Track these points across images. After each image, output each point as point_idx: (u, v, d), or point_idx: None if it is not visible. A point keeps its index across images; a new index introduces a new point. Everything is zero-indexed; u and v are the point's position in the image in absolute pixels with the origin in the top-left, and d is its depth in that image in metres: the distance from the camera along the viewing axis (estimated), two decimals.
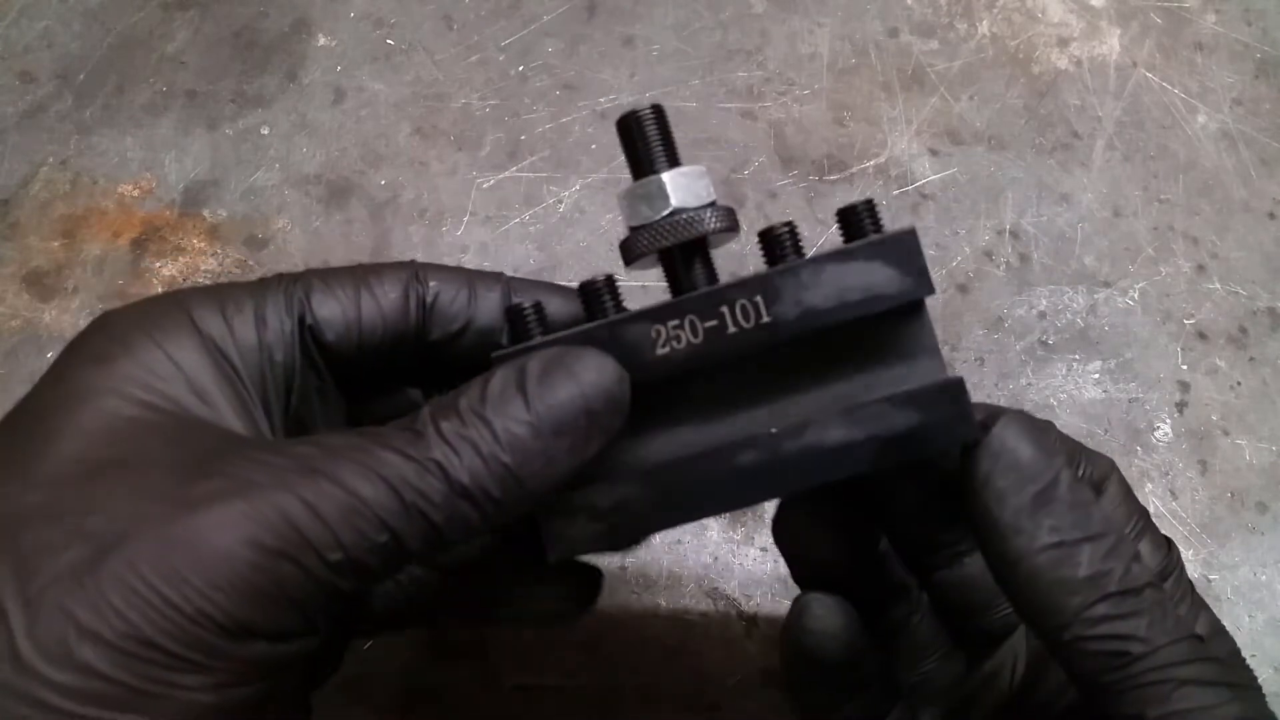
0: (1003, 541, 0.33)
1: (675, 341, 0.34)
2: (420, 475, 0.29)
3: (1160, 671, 0.31)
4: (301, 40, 0.78)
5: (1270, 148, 0.77)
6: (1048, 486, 0.33)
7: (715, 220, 0.36)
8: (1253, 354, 0.69)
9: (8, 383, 0.65)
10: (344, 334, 0.35)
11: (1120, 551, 0.33)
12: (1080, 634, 0.32)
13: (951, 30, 0.81)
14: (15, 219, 0.70)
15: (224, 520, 0.28)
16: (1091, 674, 0.32)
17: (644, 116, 0.37)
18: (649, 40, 0.79)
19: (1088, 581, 0.32)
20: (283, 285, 0.35)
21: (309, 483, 0.29)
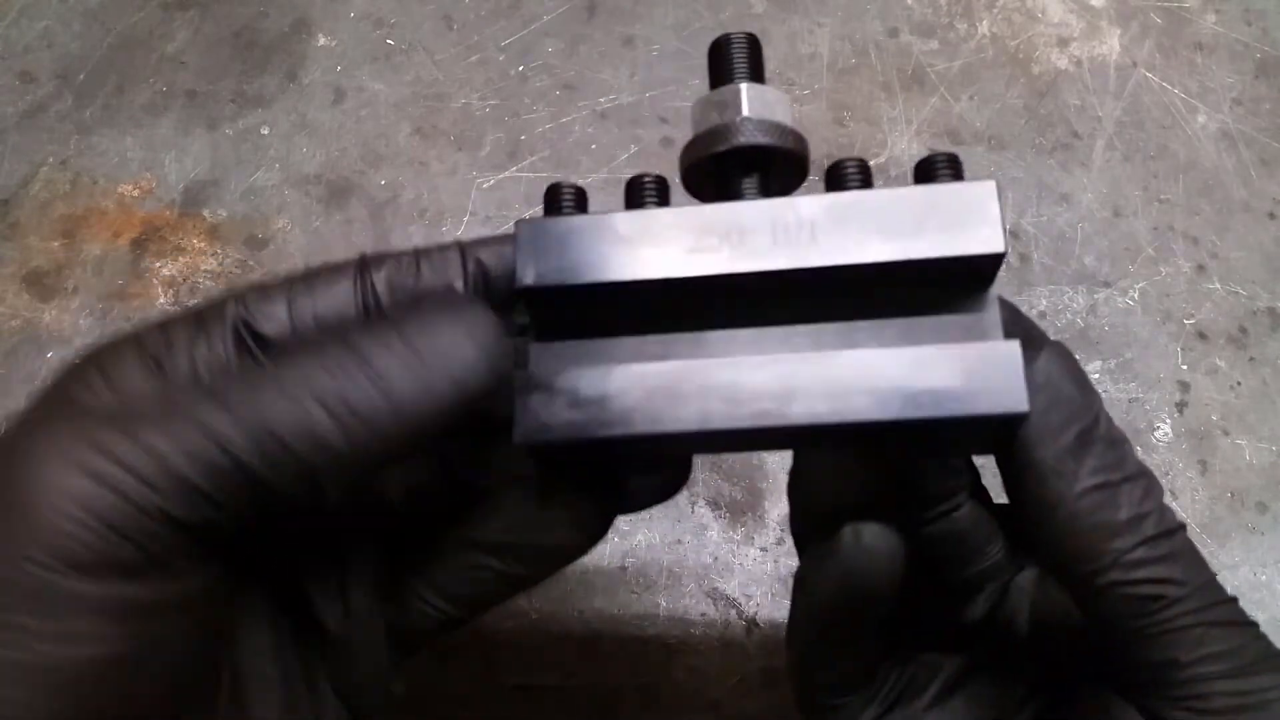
0: (1041, 484, 0.31)
1: (711, 249, 0.31)
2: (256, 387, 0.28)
3: (1193, 615, 0.30)
4: (301, 40, 0.78)
5: (1270, 148, 0.77)
6: (1089, 425, 0.31)
7: (795, 140, 0.33)
8: (1253, 354, 0.69)
9: (8, 383, 0.65)
10: (281, 331, 0.34)
11: (1154, 493, 0.32)
12: (1119, 578, 0.30)
13: (951, 30, 0.81)
14: (15, 219, 0.70)
15: (43, 458, 0.27)
16: (1126, 619, 0.31)
17: (738, 39, 0.35)
18: (649, 40, 0.79)
19: (1128, 524, 0.31)
20: (225, 299, 0.35)
21: (133, 409, 0.28)
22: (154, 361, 0.32)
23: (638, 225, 0.32)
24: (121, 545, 0.26)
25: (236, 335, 0.33)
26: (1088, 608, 0.32)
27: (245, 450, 0.27)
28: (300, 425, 0.28)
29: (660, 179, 0.34)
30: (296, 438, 0.28)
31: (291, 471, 0.28)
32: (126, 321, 0.67)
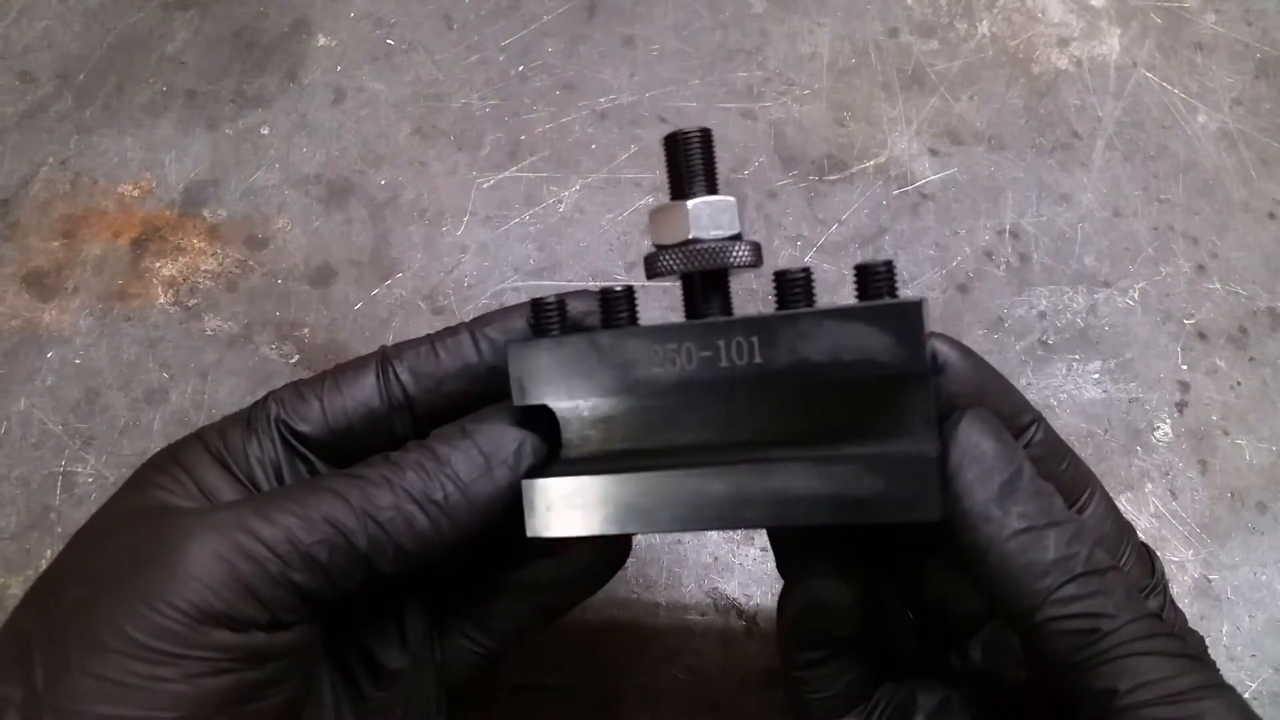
0: (973, 530, 0.34)
1: (670, 363, 0.37)
2: (364, 487, 0.37)
3: (1129, 645, 0.32)
4: (301, 40, 0.78)
5: (1270, 148, 0.77)
6: (1012, 477, 0.35)
7: (738, 255, 0.38)
8: (1253, 354, 0.69)
9: (8, 383, 0.65)
10: (319, 429, 0.42)
11: (1083, 536, 0.34)
12: (1052, 614, 0.33)
13: (951, 30, 0.81)
14: (15, 219, 0.70)
15: (192, 534, 0.34)
16: (1063, 653, 0.33)
17: (691, 138, 0.39)
18: (649, 40, 0.79)
19: (1056, 564, 0.33)
20: (268, 400, 0.42)
21: (265, 499, 0.36)
22: (218, 459, 0.40)
23: (600, 346, 0.38)
24: (254, 605, 0.34)
25: (280, 435, 0.41)
26: (1029, 645, 0.35)
27: (357, 535, 0.36)
28: (398, 516, 0.37)
29: (629, 292, 0.40)
30: (395, 526, 0.36)
31: (390, 553, 0.37)
32: (126, 321, 0.67)
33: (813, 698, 0.40)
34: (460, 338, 0.43)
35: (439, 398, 0.42)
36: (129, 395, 0.65)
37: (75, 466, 0.62)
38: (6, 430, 0.63)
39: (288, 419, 0.41)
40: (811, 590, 0.38)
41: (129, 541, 0.36)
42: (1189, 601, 0.62)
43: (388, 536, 0.36)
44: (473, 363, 0.42)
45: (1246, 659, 0.60)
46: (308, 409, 0.42)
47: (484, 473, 0.38)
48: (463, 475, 0.38)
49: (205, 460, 0.40)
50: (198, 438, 0.42)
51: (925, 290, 0.70)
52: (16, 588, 0.59)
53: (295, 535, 0.35)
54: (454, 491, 0.37)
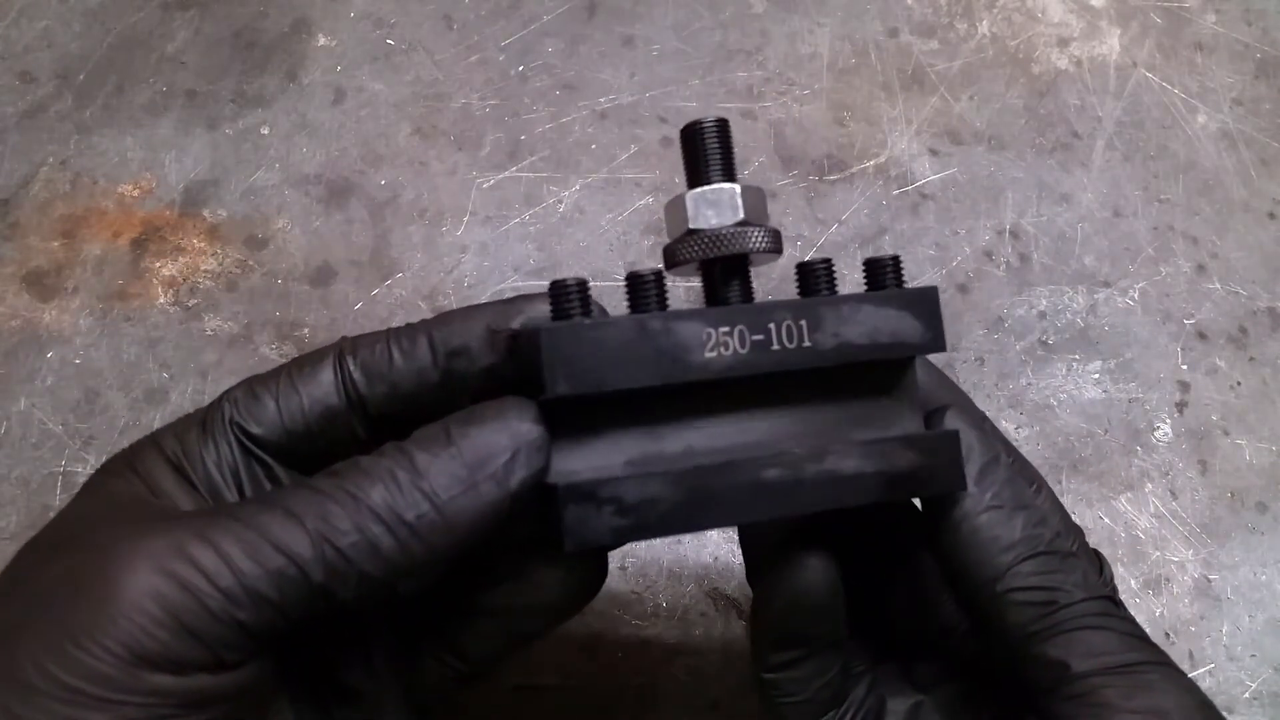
0: (947, 504, 0.37)
1: (723, 348, 0.35)
2: (323, 503, 0.31)
3: (1083, 620, 0.35)
4: (301, 40, 0.78)
5: (1270, 148, 0.77)
6: (989, 463, 0.37)
7: (762, 240, 0.37)
8: (1253, 354, 0.69)
9: (8, 383, 0.65)
10: (274, 431, 0.38)
11: (1048, 524, 0.37)
12: (1012, 585, 0.35)
13: (951, 30, 0.81)
14: (15, 219, 0.70)
15: (126, 563, 0.30)
16: (1021, 625, 0.35)
17: (707, 128, 0.39)
18: (649, 40, 0.79)
19: (1021, 541, 0.36)
20: (221, 400, 0.39)
21: (209, 518, 0.31)
22: (173, 463, 0.37)
23: (650, 330, 0.35)
24: (193, 646, 0.30)
25: (236, 438, 0.38)
26: (987, 617, 0.37)
27: (311, 565, 0.31)
28: (361, 540, 0.31)
29: (659, 277, 0.37)
30: (358, 552, 0.31)
31: (352, 582, 0.32)
32: (127, 321, 0.67)
33: (785, 702, 0.40)
34: (417, 340, 0.39)
35: (393, 401, 0.39)
36: (129, 395, 0.65)
37: (75, 466, 0.62)
38: (6, 430, 0.63)
39: (241, 421, 0.38)
40: (796, 584, 0.38)
41: (65, 565, 0.31)
42: (1189, 601, 0.62)
43: (348, 564, 0.31)
44: (426, 366, 0.38)
45: (1246, 659, 0.60)
46: (262, 410, 0.38)
47: (467, 488, 0.33)
48: (441, 490, 0.32)
49: (161, 466, 0.37)
50: (153, 442, 0.38)
51: None
52: None
53: (240, 567, 0.30)
54: (429, 511, 0.32)
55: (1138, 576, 0.62)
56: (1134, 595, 0.62)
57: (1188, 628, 0.61)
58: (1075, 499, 0.64)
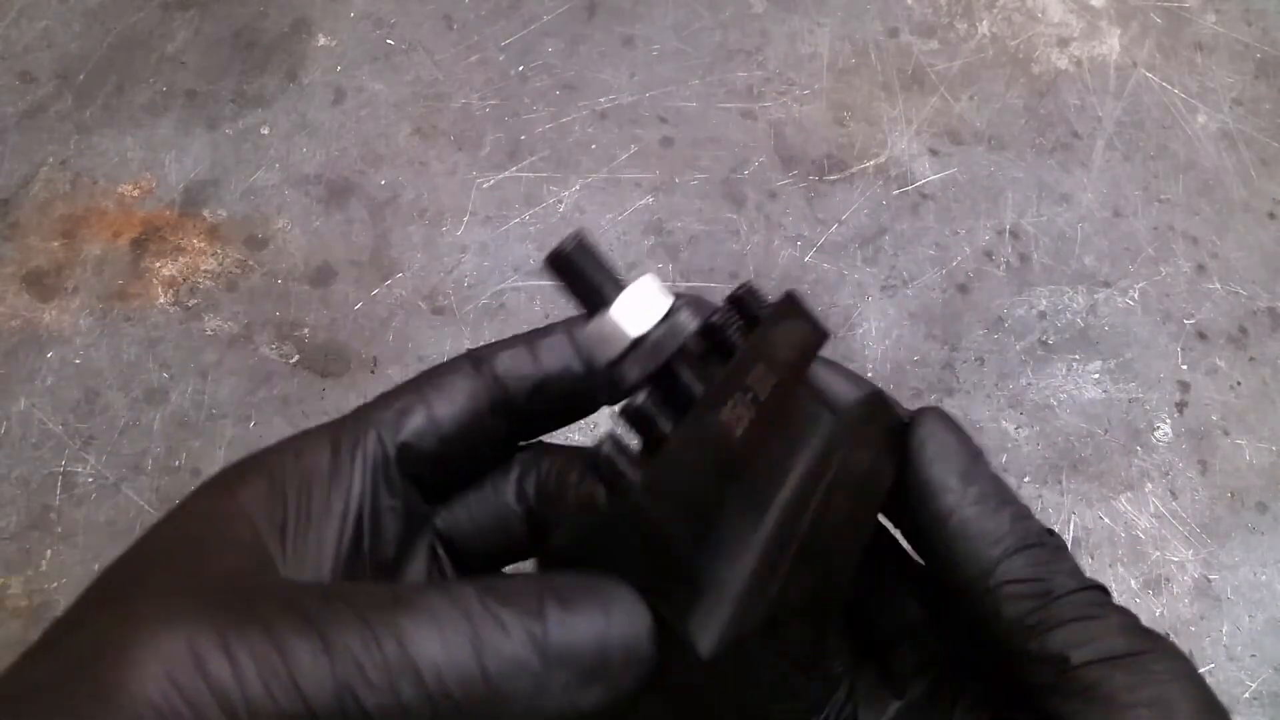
0: (934, 499, 0.36)
1: (741, 421, 0.30)
2: (365, 643, 0.27)
3: (1081, 609, 0.33)
4: (301, 40, 0.78)
5: (1270, 148, 0.77)
6: (970, 461, 0.37)
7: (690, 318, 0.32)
8: (1253, 354, 0.69)
9: (8, 383, 0.65)
10: (423, 436, 0.35)
11: (1034, 518, 0.36)
12: (1005, 578, 0.34)
13: (951, 30, 0.81)
14: (15, 219, 0.70)
15: (135, 660, 0.27)
16: (1017, 618, 0.34)
17: (572, 250, 0.33)
18: (649, 40, 0.79)
19: (1011, 533, 0.35)
20: (357, 417, 0.35)
21: (238, 621, 0.27)
22: (279, 494, 0.32)
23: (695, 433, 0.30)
24: None
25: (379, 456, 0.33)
26: (980, 613, 0.35)
27: (327, 713, 0.26)
28: (389, 702, 0.26)
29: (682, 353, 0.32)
30: (381, 713, 0.26)
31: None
32: (127, 321, 0.67)
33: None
34: (556, 338, 0.36)
35: (538, 402, 0.36)
36: (129, 395, 0.65)
37: (75, 466, 0.62)
38: (6, 430, 0.63)
39: (388, 431, 0.34)
40: None
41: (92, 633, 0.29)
42: (1189, 601, 0.62)
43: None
44: (570, 362, 0.35)
45: (1246, 659, 0.60)
46: (409, 419, 0.34)
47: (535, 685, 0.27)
48: (503, 677, 0.27)
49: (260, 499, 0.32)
50: (263, 467, 0.34)
51: (925, 290, 0.70)
52: (16, 587, 0.59)
53: (252, 694, 0.26)
54: (482, 693, 0.27)
55: (1138, 576, 0.62)
56: (1134, 595, 0.62)
57: (1188, 628, 0.61)
58: (1075, 499, 0.64)
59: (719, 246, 0.71)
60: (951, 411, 0.67)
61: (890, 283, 0.70)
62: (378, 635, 0.26)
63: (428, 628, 0.27)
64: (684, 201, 0.72)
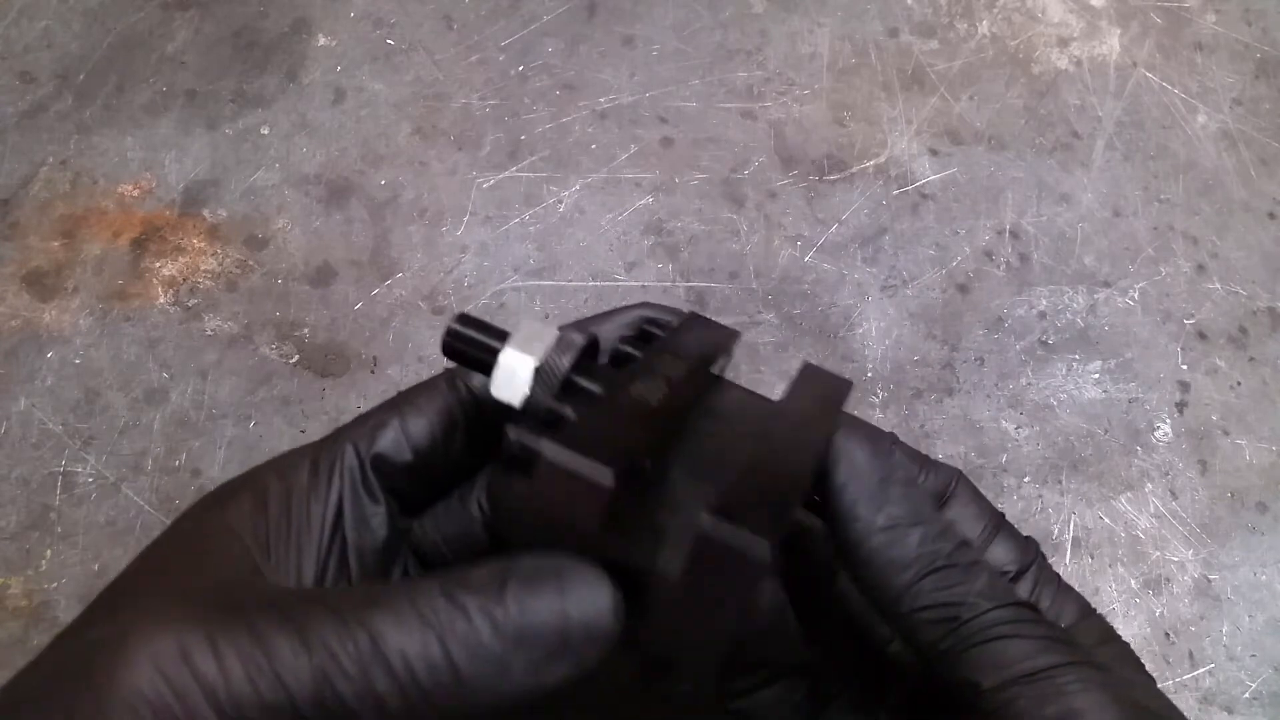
0: (845, 528, 0.35)
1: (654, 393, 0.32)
2: (340, 636, 0.28)
3: (989, 630, 0.33)
4: (301, 40, 0.78)
5: (1270, 148, 0.77)
6: (882, 482, 0.36)
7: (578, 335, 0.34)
8: (1253, 354, 0.69)
9: (7, 383, 0.65)
10: (397, 447, 0.36)
11: (948, 536, 0.36)
12: (914, 605, 0.34)
13: (951, 30, 0.81)
14: (15, 219, 0.70)
15: (128, 650, 0.29)
16: (930, 644, 0.34)
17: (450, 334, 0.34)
18: (649, 40, 0.79)
19: (918, 559, 0.35)
20: (335, 436, 0.37)
21: (223, 621, 0.29)
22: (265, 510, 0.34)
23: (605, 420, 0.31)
24: None
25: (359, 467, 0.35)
26: (903, 640, 0.35)
27: (308, 704, 0.28)
28: (363, 689, 0.28)
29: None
30: (359, 703, 0.28)
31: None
32: (126, 321, 0.67)
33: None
34: None
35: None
36: (129, 395, 0.65)
37: (75, 466, 0.62)
38: (6, 430, 0.63)
39: (365, 446, 0.36)
40: None
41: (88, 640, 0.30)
42: (1189, 601, 0.62)
43: (344, 713, 0.28)
44: None
45: (1246, 659, 0.60)
46: (385, 433, 0.36)
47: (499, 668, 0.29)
48: (468, 664, 0.28)
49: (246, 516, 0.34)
50: (252, 486, 0.35)
51: (925, 290, 0.70)
52: (16, 587, 0.59)
53: (237, 689, 0.28)
54: (449, 682, 0.28)
55: (1138, 576, 0.62)
56: (1134, 595, 0.62)
57: (1188, 628, 0.61)
58: (1075, 499, 0.64)
59: (719, 246, 0.71)
60: (951, 411, 0.67)
61: (890, 283, 0.70)
62: (351, 631, 0.28)
63: (396, 621, 0.28)
64: (684, 201, 0.72)
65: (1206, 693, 0.59)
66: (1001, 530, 0.40)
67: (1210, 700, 0.59)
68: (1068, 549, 0.63)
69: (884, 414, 0.66)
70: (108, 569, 0.60)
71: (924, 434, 0.65)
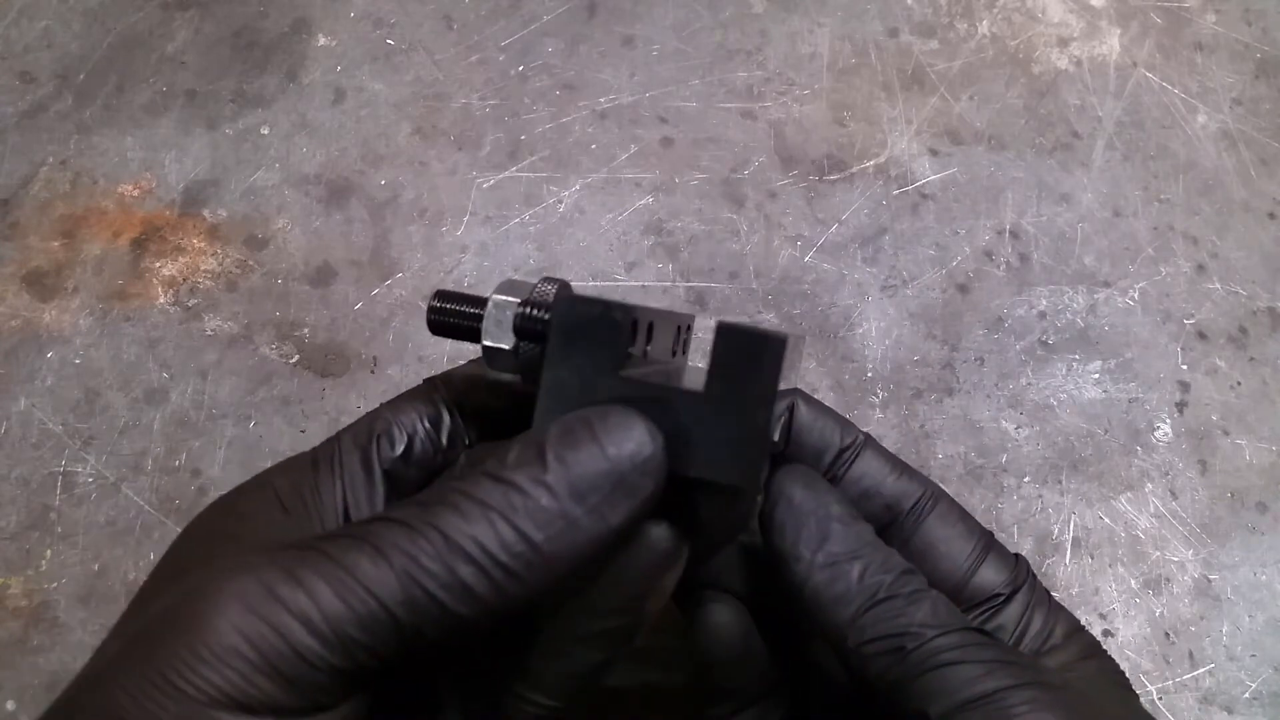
0: (787, 570, 0.36)
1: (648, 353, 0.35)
2: (412, 539, 0.29)
3: (935, 658, 0.33)
4: (301, 40, 0.78)
5: (1270, 148, 0.77)
6: (820, 521, 0.36)
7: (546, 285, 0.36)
8: (1253, 354, 0.69)
9: (7, 383, 0.65)
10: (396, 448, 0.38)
11: (889, 566, 0.36)
12: (859, 639, 0.34)
13: (951, 30, 0.81)
14: (15, 219, 0.70)
15: (217, 603, 0.29)
16: (878, 676, 0.33)
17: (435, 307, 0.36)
18: (649, 40, 0.79)
19: (859, 592, 0.35)
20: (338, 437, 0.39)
21: (298, 555, 0.30)
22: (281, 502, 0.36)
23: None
24: (286, 690, 0.29)
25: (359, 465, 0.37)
26: (852, 676, 0.35)
27: (400, 607, 0.29)
28: (452, 581, 0.29)
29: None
30: (448, 594, 0.29)
31: (441, 624, 0.29)
32: (126, 321, 0.67)
33: None
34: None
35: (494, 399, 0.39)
36: (129, 395, 0.65)
37: (75, 466, 0.62)
38: (6, 430, 0.63)
39: (363, 446, 0.37)
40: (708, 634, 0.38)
41: (162, 606, 0.31)
42: (1189, 601, 0.62)
43: (439, 606, 0.29)
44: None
45: (1246, 659, 0.60)
46: (376, 423, 0.38)
47: (566, 524, 0.29)
48: (537, 529, 0.29)
49: (267, 505, 0.36)
50: (260, 483, 0.37)
51: (925, 290, 0.70)
52: (16, 587, 0.59)
53: (329, 610, 0.29)
54: (524, 550, 0.29)
55: (1138, 576, 0.62)
56: (1134, 595, 0.62)
57: (1188, 628, 0.61)
58: (1075, 499, 0.64)
59: (719, 246, 0.71)
60: (951, 411, 0.67)
61: (890, 283, 0.70)
62: (422, 532, 0.29)
63: (459, 513, 0.30)
64: (684, 201, 0.72)
65: (1206, 693, 0.59)
66: (991, 550, 0.39)
67: (1210, 700, 0.59)
68: (1068, 549, 0.63)
69: (884, 414, 0.66)
70: (108, 569, 0.60)
71: (924, 434, 0.65)
